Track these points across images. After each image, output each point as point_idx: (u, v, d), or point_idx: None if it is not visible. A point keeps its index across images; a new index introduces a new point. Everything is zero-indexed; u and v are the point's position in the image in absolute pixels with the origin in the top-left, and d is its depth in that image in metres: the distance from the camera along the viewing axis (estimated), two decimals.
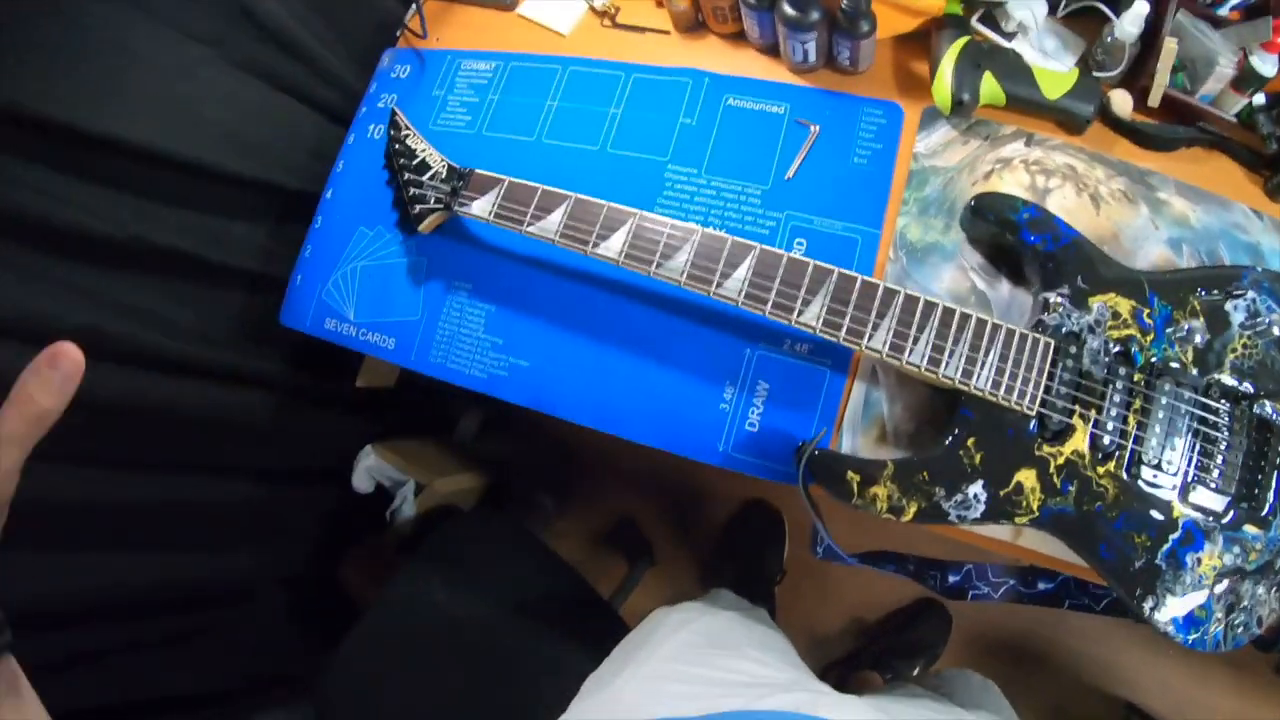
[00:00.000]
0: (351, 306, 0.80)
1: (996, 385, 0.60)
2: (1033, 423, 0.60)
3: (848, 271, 0.60)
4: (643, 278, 0.64)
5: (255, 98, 0.83)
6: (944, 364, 0.59)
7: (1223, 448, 0.61)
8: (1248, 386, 0.63)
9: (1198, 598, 0.60)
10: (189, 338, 0.81)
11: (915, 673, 1.28)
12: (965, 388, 0.60)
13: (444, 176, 0.73)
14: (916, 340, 0.60)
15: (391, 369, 1.08)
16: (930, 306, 0.60)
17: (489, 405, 0.76)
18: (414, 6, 0.84)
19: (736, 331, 0.69)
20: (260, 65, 0.82)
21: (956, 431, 0.61)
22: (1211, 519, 0.60)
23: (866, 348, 0.60)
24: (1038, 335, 0.61)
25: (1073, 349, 0.61)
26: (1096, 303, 0.63)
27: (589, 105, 0.78)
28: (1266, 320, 0.65)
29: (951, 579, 0.76)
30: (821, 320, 0.60)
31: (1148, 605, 0.59)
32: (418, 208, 0.74)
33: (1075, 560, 0.62)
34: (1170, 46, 0.69)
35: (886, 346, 0.60)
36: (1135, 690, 1.33)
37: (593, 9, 0.81)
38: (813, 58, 0.71)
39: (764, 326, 0.67)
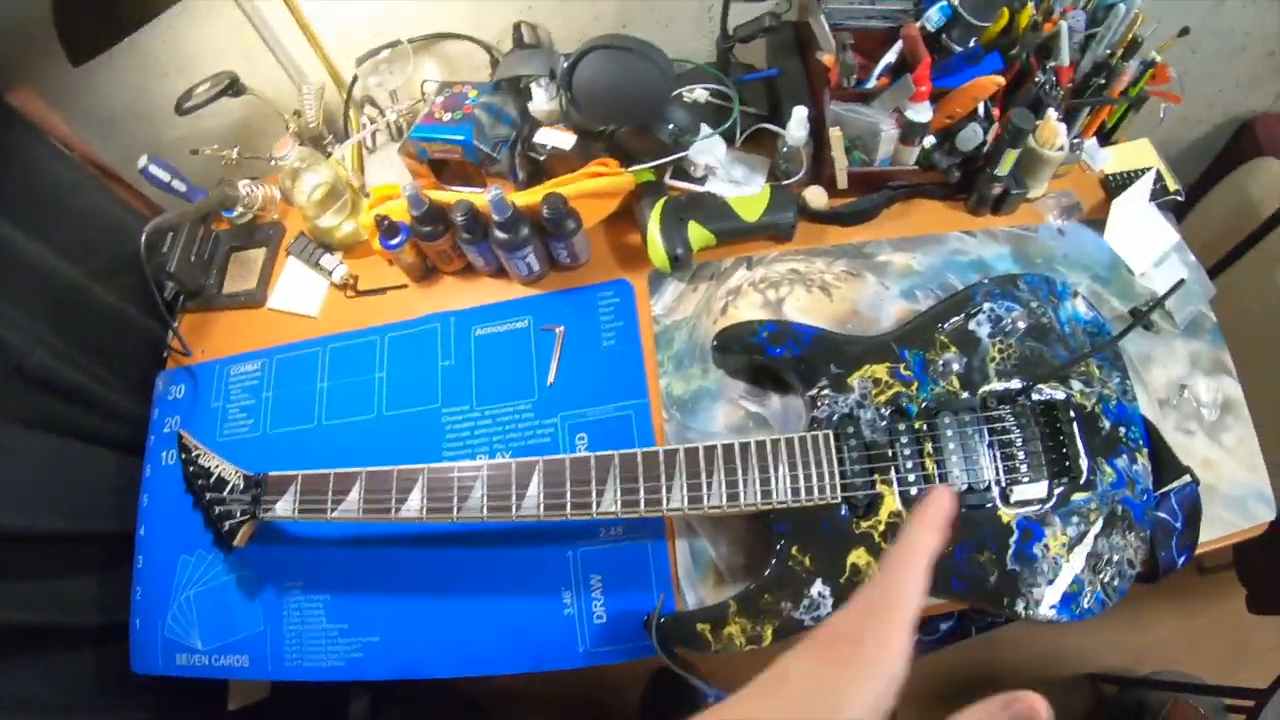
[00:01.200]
0: (197, 636, 0.86)
1: (795, 493, 0.71)
2: (842, 508, 0.72)
3: (625, 451, 0.72)
4: (452, 524, 0.74)
5: (48, 450, 0.90)
6: (742, 495, 0.71)
7: (1019, 444, 0.74)
8: (1017, 383, 0.76)
9: (1065, 577, 0.71)
10: (51, 711, 0.84)
11: None
12: (768, 507, 0.71)
13: (242, 488, 0.82)
14: (709, 485, 0.71)
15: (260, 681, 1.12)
16: (710, 450, 0.72)
17: (374, 682, 0.82)
18: (171, 330, 0.95)
19: (554, 540, 0.80)
20: (44, 417, 0.89)
21: (779, 546, 0.71)
22: (1040, 507, 0.72)
23: (668, 511, 0.71)
24: (815, 432, 0.73)
25: (850, 429, 0.74)
26: (856, 380, 0.76)
27: (356, 377, 0.90)
28: (1009, 320, 0.80)
29: None
30: (620, 503, 0.71)
31: (1020, 607, 0.70)
32: (226, 524, 0.82)
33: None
34: (835, 135, 0.88)
35: (686, 502, 0.71)
36: (1087, 662, 1.47)
37: (334, 285, 0.95)
38: (537, 267, 0.87)
39: (576, 526, 0.78)
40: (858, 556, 0.71)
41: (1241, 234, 1.09)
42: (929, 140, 0.91)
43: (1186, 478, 0.78)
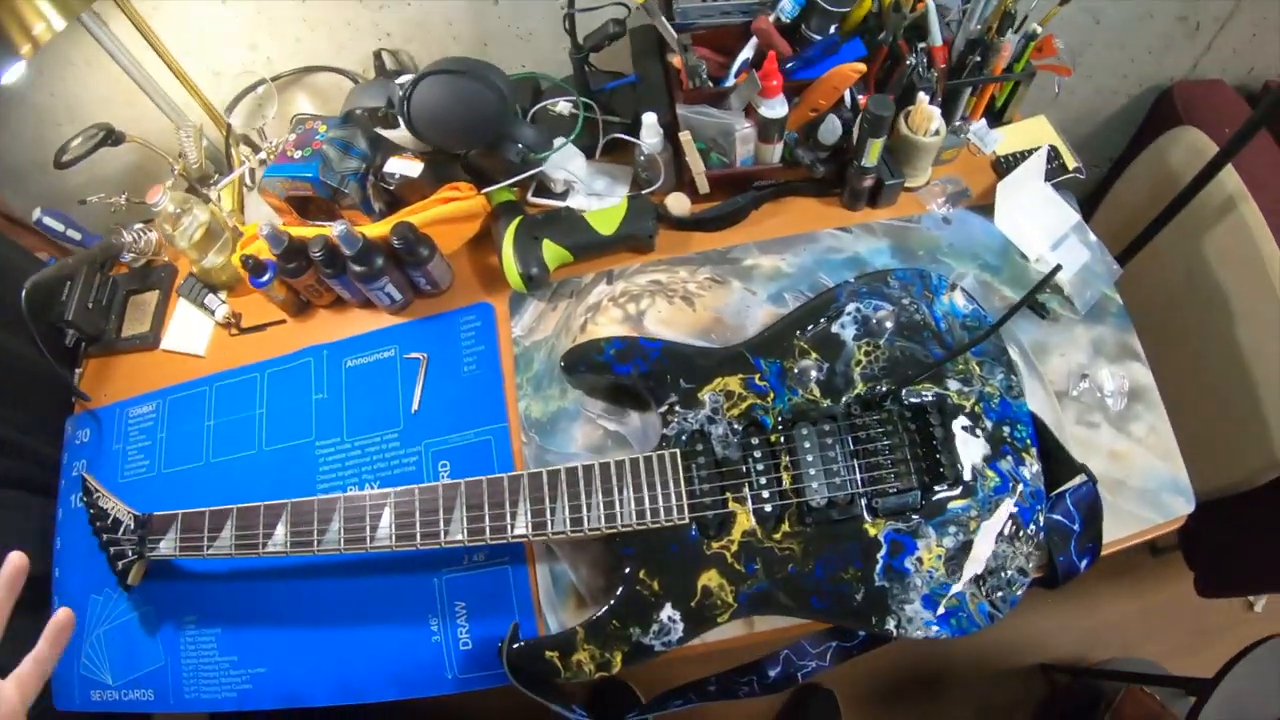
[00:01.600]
0: (107, 672, 0.91)
1: (641, 515, 0.72)
2: (692, 529, 0.72)
3: (471, 479, 0.74)
4: (322, 556, 0.77)
5: None
6: (586, 520, 0.72)
7: (886, 452, 0.73)
8: (884, 387, 0.75)
9: (942, 590, 0.69)
10: None
11: None
12: (614, 531, 0.72)
13: (132, 528, 0.86)
14: (554, 511, 0.72)
15: None
16: (554, 475, 0.73)
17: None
18: (69, 378, 1.01)
19: (421, 567, 0.82)
20: None
21: (627, 570, 0.72)
22: (911, 518, 0.71)
23: (513, 538, 0.73)
24: (662, 451, 0.74)
25: (699, 446, 0.74)
26: (707, 394, 0.76)
27: (238, 414, 0.94)
28: (876, 319, 0.79)
29: (773, 673, 0.83)
30: (466, 532, 0.73)
31: (892, 625, 0.69)
32: (120, 564, 0.87)
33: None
34: (686, 138, 0.88)
35: (530, 529, 0.72)
36: (1040, 650, 1.46)
37: (218, 323, 0.99)
38: (399, 296, 0.89)
39: (441, 553, 0.81)
40: (709, 578, 0.71)
41: (1162, 207, 1.05)
42: (792, 136, 0.90)
43: (1082, 477, 0.76)
